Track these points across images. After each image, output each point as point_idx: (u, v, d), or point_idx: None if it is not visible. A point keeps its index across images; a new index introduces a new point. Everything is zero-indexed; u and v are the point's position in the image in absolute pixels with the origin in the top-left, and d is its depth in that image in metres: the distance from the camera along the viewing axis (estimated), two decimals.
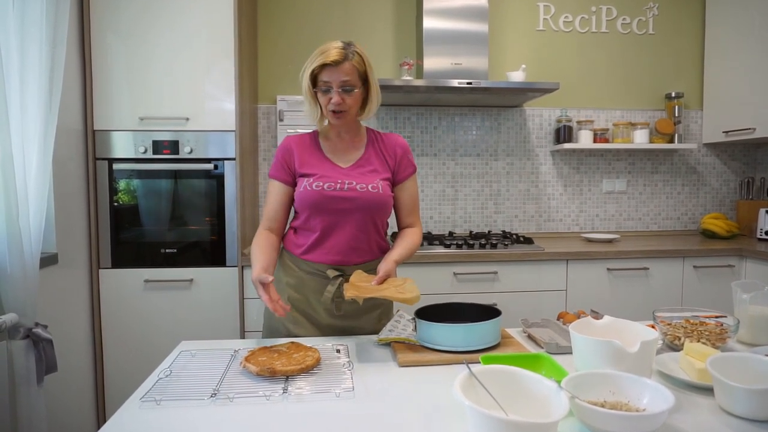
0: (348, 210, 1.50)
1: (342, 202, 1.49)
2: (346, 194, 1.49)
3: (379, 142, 1.61)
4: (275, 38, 2.83)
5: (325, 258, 1.54)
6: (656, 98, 3.09)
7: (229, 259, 2.32)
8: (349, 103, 1.48)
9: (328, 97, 1.47)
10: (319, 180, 1.50)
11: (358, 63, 1.49)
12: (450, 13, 2.66)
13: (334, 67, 1.44)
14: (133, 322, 2.28)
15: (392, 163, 1.59)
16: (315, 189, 1.49)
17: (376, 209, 1.53)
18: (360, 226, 1.54)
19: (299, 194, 1.52)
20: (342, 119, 1.50)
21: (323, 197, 1.49)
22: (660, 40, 3.07)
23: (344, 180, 1.51)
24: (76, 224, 2.17)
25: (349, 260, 1.55)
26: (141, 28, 2.23)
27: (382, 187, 1.53)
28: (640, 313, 2.50)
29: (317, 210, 1.51)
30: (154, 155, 2.27)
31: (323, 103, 1.48)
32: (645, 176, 3.11)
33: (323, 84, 1.46)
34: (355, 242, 1.54)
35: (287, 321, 1.56)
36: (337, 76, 1.44)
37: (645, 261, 2.50)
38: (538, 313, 2.44)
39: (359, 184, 1.51)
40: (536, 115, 3.01)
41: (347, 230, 1.52)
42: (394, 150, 1.60)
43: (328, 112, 1.49)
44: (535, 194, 3.04)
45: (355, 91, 1.48)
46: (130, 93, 2.25)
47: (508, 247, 2.49)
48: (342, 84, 1.46)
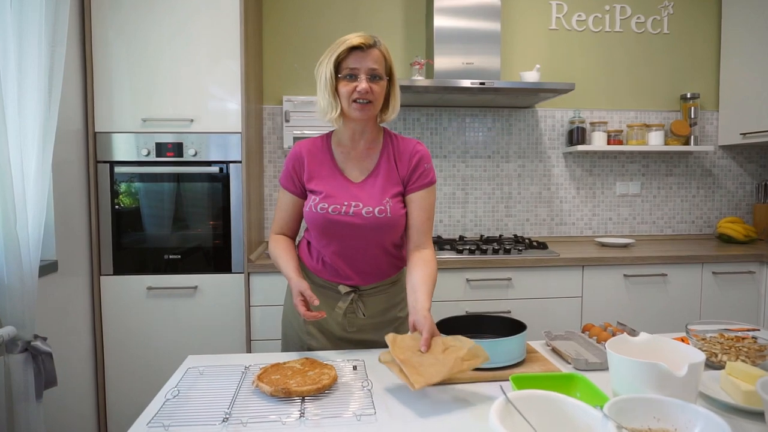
0: (354, 235, 1.41)
1: (347, 228, 1.39)
2: (351, 220, 1.38)
3: (393, 147, 1.46)
4: (281, 37, 2.76)
5: (337, 279, 1.47)
6: (671, 99, 3.02)
7: (234, 265, 2.25)
8: (376, 92, 1.35)
9: (353, 85, 1.32)
10: (324, 200, 1.40)
11: (386, 53, 1.39)
12: (461, 11, 2.58)
13: (362, 52, 1.32)
14: (135, 331, 2.21)
15: (404, 173, 1.44)
16: (320, 212, 1.39)
17: (384, 233, 1.43)
18: (369, 251, 1.45)
19: (306, 213, 1.44)
20: (367, 112, 1.35)
21: (328, 221, 1.39)
22: (675, 39, 3.00)
23: (350, 202, 1.39)
24: (77, 230, 2.09)
25: (361, 282, 1.47)
26: (144, 26, 2.16)
27: (391, 208, 1.40)
28: (659, 322, 2.43)
29: (324, 232, 1.42)
30: (157, 158, 2.20)
31: (346, 94, 1.33)
32: (659, 179, 3.04)
33: (349, 70, 1.32)
34: (365, 266, 1.46)
35: (301, 331, 1.50)
36: (365, 62, 1.33)
37: (663, 267, 2.43)
38: (554, 321, 2.37)
39: (365, 208, 1.39)
40: (548, 116, 2.94)
41: (357, 254, 1.44)
42: (408, 158, 1.44)
43: (350, 104, 1.34)
44: (547, 197, 2.96)
45: (382, 81, 1.37)
46: (132, 94, 2.17)
47: (522, 253, 2.41)
48: (370, 71, 1.34)
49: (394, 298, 1.53)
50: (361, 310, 1.47)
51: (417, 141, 1.49)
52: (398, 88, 1.44)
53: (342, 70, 1.33)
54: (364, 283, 1.47)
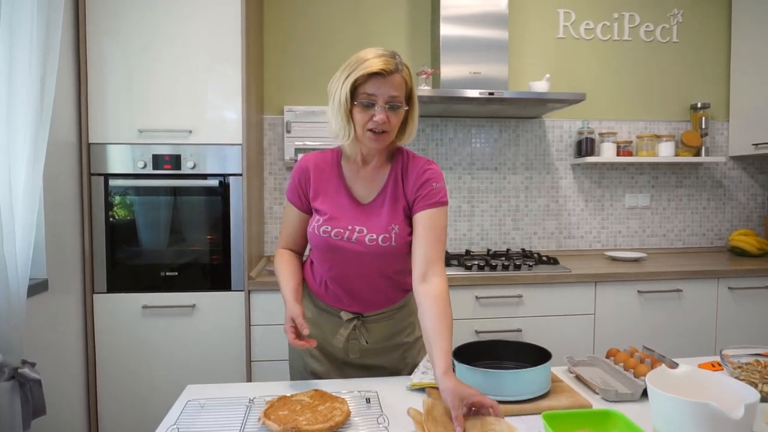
0: (356, 262, 1.32)
1: (348, 254, 1.31)
2: (353, 247, 1.30)
3: (403, 166, 1.36)
4: (282, 45, 2.68)
5: (338, 304, 1.38)
6: (680, 109, 2.96)
7: (234, 282, 2.15)
8: (393, 123, 1.25)
9: (369, 113, 1.22)
10: (328, 223, 1.31)
11: (407, 77, 1.28)
12: (468, 19, 2.51)
13: (382, 78, 1.21)
14: (129, 352, 2.10)
15: (410, 191, 1.32)
16: (322, 235, 1.31)
17: (387, 263, 1.34)
18: (371, 279, 1.36)
19: (309, 234, 1.36)
20: (382, 142, 1.27)
21: (329, 245, 1.31)
22: (684, 48, 2.94)
23: (354, 226, 1.30)
24: (69, 246, 1.99)
25: (363, 310, 1.38)
26: (140, 34, 2.07)
27: (396, 236, 1.30)
28: (674, 340, 2.35)
29: (326, 256, 1.34)
30: (154, 170, 2.11)
31: (361, 121, 1.23)
32: (669, 191, 2.96)
33: (366, 97, 1.22)
34: (367, 294, 1.37)
35: (306, 355, 1.41)
36: (385, 89, 1.21)
37: (678, 282, 2.35)
38: (567, 340, 2.28)
39: (369, 235, 1.30)
40: (556, 126, 2.86)
41: (359, 281, 1.35)
42: (416, 176, 1.32)
43: (364, 132, 1.24)
44: (555, 210, 2.88)
45: (402, 109, 1.27)
46: (128, 103, 2.08)
47: (532, 269, 2.33)
48: (390, 99, 1.23)
49: (401, 323, 1.44)
50: (364, 337, 1.38)
51: (429, 160, 1.39)
52: (417, 112, 1.34)
53: (359, 95, 1.23)
54: (367, 310, 1.38)
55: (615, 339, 2.30)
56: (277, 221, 2.69)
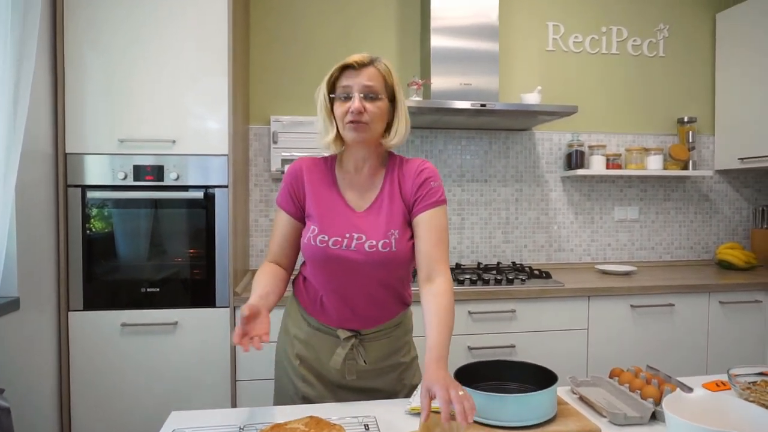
0: (355, 272, 1.26)
1: (347, 264, 1.25)
2: (352, 255, 1.25)
3: (398, 172, 1.33)
4: (269, 54, 2.62)
5: (335, 322, 1.31)
6: (668, 123, 2.97)
7: (219, 298, 2.06)
8: (371, 111, 1.23)
9: (346, 106, 1.23)
10: (324, 232, 1.26)
11: (386, 72, 1.27)
12: (459, 31, 2.49)
13: (355, 71, 1.24)
14: (107, 373, 1.99)
15: (408, 194, 1.30)
16: (319, 245, 1.25)
17: (388, 270, 1.29)
18: (371, 289, 1.30)
19: (304, 245, 1.29)
20: (361, 133, 1.23)
21: (327, 255, 1.25)
22: (671, 62, 2.96)
23: (353, 233, 1.26)
24: (43, 261, 1.88)
25: (360, 325, 1.32)
26: (121, 40, 1.99)
27: (396, 241, 1.26)
28: (667, 355, 2.32)
29: (322, 268, 1.28)
30: (135, 182, 2.01)
31: (341, 115, 1.24)
32: (657, 204, 2.97)
33: (342, 90, 1.24)
34: (367, 306, 1.31)
35: (296, 377, 1.33)
36: (359, 79, 1.23)
37: (669, 297, 2.33)
38: (560, 355, 2.24)
39: (368, 242, 1.25)
40: (546, 139, 2.85)
41: (358, 294, 1.29)
42: (413, 177, 1.30)
43: (345, 126, 1.24)
44: (545, 223, 2.86)
45: (380, 100, 1.25)
46: (108, 112, 1.99)
47: (525, 283, 2.29)
48: (364, 89, 1.23)
49: (397, 342, 1.38)
50: (362, 356, 1.31)
51: (423, 160, 1.36)
52: (405, 112, 1.31)
53: (336, 90, 1.27)
54: (366, 327, 1.32)
55: (608, 354, 2.27)
56: (263, 234, 2.61)
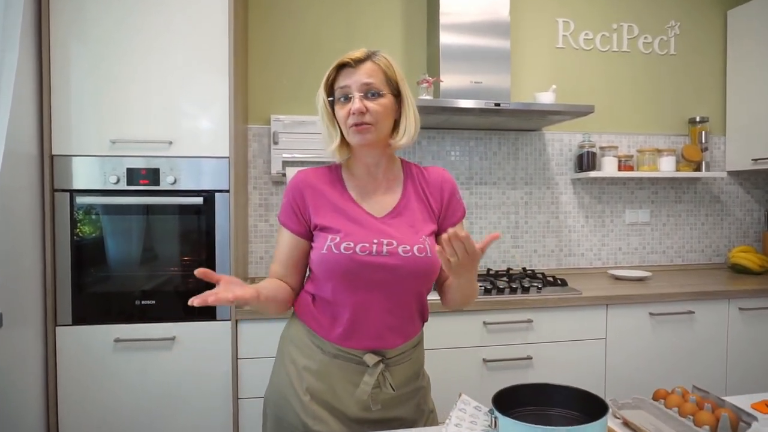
0: (387, 281, 1.14)
1: (380, 271, 1.13)
2: (387, 261, 1.13)
3: (419, 179, 1.26)
4: (269, 50, 2.48)
5: (359, 344, 1.18)
6: (679, 123, 2.89)
7: (219, 311, 1.92)
8: (374, 111, 1.13)
9: (347, 107, 1.13)
10: (348, 239, 1.13)
11: (386, 66, 1.17)
12: (469, 28, 2.37)
13: (352, 69, 1.15)
14: (99, 393, 1.84)
15: (437, 208, 1.24)
16: (344, 253, 1.12)
17: (424, 278, 1.18)
18: (402, 301, 1.19)
19: (320, 258, 1.15)
20: (365, 135, 1.14)
21: (355, 264, 1.12)
22: (682, 60, 2.88)
23: (381, 239, 1.14)
24: (28, 272, 1.73)
25: (388, 344, 1.19)
26: (113, 33, 1.84)
27: (430, 246, 1.17)
28: (685, 364, 2.24)
29: (347, 281, 1.14)
30: (128, 186, 1.87)
31: (343, 117, 1.15)
32: (668, 206, 2.89)
33: (340, 91, 1.15)
34: (395, 320, 1.19)
35: (305, 413, 1.18)
36: (357, 77, 1.14)
37: (689, 304, 2.24)
38: (578, 366, 2.14)
39: (402, 246, 1.14)
40: (556, 139, 2.75)
41: (386, 307, 1.17)
42: (440, 189, 1.25)
43: (348, 129, 1.14)
44: (556, 227, 2.76)
45: (382, 97, 1.14)
46: (98, 111, 1.84)
47: (541, 291, 2.18)
48: (363, 87, 1.13)
49: (417, 364, 1.28)
50: (389, 381, 1.19)
51: (441, 169, 1.30)
52: (412, 107, 1.21)
53: (335, 91, 1.17)
54: (392, 346, 1.20)
55: (627, 364, 2.18)
56: (263, 240, 2.47)
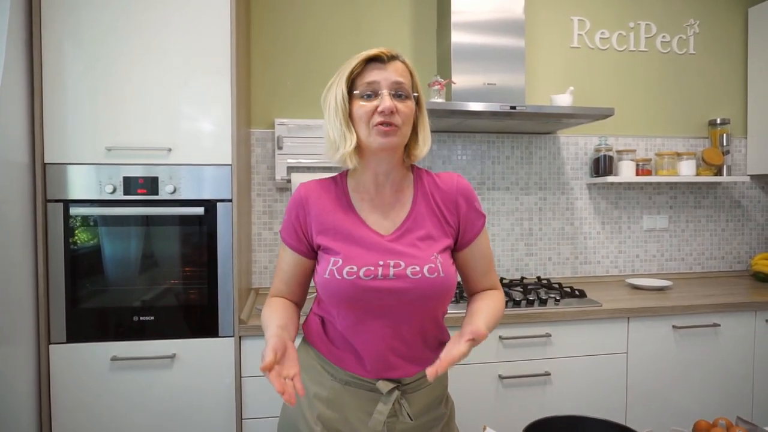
0: (396, 307, 1.04)
1: (388, 297, 1.03)
2: (393, 285, 1.03)
3: (431, 188, 1.14)
4: (272, 51, 2.37)
5: (372, 372, 1.08)
6: (698, 125, 2.78)
7: (222, 327, 1.82)
8: (403, 114, 1.03)
9: (373, 104, 1.02)
10: (351, 263, 1.03)
11: (412, 69, 1.09)
12: (482, 26, 2.27)
13: (383, 64, 1.04)
14: (95, 414, 1.75)
15: (454, 221, 1.13)
16: (347, 278, 1.02)
17: (436, 302, 1.08)
18: (414, 327, 1.09)
19: (323, 282, 1.06)
20: (393, 138, 1.03)
21: (359, 290, 1.02)
22: (702, 60, 2.77)
23: (387, 260, 1.04)
24: (18, 288, 1.63)
25: (401, 373, 1.10)
26: (109, 35, 1.74)
27: (443, 265, 1.06)
28: (711, 380, 2.13)
29: (351, 308, 1.05)
30: (125, 196, 1.77)
31: (365, 116, 1.03)
32: (687, 211, 2.78)
33: (367, 86, 1.03)
34: (407, 349, 1.09)
35: None
36: (388, 74, 1.04)
37: (714, 316, 2.14)
38: (599, 384, 2.03)
39: (410, 267, 1.04)
40: (571, 143, 2.64)
41: (396, 334, 1.07)
42: (455, 201, 1.14)
43: (371, 129, 1.03)
44: (571, 233, 2.65)
45: (409, 100, 1.05)
46: (94, 117, 1.74)
47: (559, 303, 2.08)
48: (395, 86, 1.03)
49: (438, 389, 1.18)
50: (406, 411, 1.09)
51: (456, 175, 1.18)
52: (427, 117, 1.12)
53: (357, 87, 1.05)
54: (407, 374, 1.10)
55: (650, 381, 2.08)
56: (267, 249, 2.37)
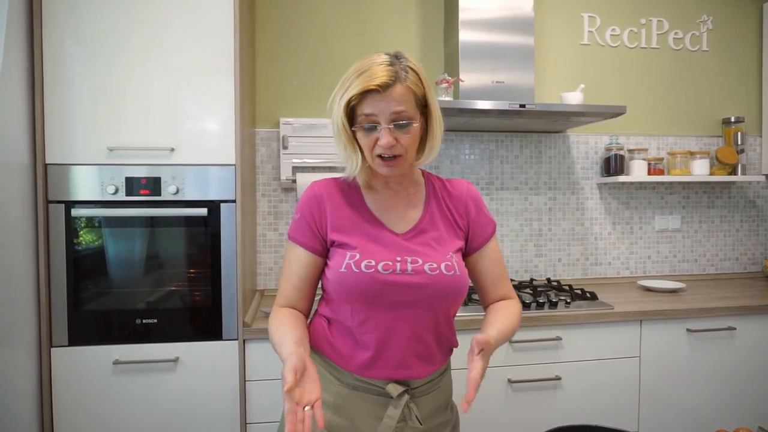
0: (413, 302, 1.03)
1: (406, 292, 1.02)
2: (412, 279, 1.02)
3: (442, 193, 1.16)
4: (277, 48, 2.34)
5: (382, 373, 1.06)
6: (712, 123, 2.72)
7: (226, 330, 1.79)
8: (404, 144, 1.02)
9: (373, 137, 1.02)
10: (369, 257, 1.03)
11: (415, 84, 1.03)
12: (490, 24, 2.22)
13: (380, 94, 1.00)
14: (98, 418, 1.72)
15: (464, 225, 1.15)
16: (365, 271, 1.01)
17: (452, 299, 1.08)
18: (430, 325, 1.08)
19: (338, 277, 1.04)
20: (395, 167, 1.04)
21: (378, 284, 1.01)
22: (715, 57, 2.71)
23: (405, 256, 1.04)
24: (19, 290, 1.61)
25: (413, 374, 1.08)
26: (111, 33, 1.71)
27: (458, 264, 1.07)
28: (726, 386, 2.08)
29: (368, 303, 1.03)
30: (128, 197, 1.74)
31: (366, 146, 1.04)
32: (701, 212, 2.72)
33: (365, 119, 1.02)
34: (422, 347, 1.08)
35: None
36: (385, 105, 1.00)
37: (730, 319, 2.08)
38: (611, 388, 1.99)
39: (428, 263, 1.04)
40: (581, 142, 2.59)
41: (412, 332, 1.06)
42: (465, 204, 1.16)
43: (374, 158, 1.04)
44: (581, 234, 2.60)
45: (413, 125, 1.02)
46: (95, 115, 1.72)
47: (570, 306, 2.03)
48: (393, 117, 1.00)
49: (444, 393, 1.17)
50: (415, 414, 1.07)
51: (465, 181, 1.21)
52: (438, 124, 1.10)
53: (357, 117, 1.03)
54: (418, 375, 1.08)
55: (663, 386, 2.03)
56: (272, 250, 2.34)
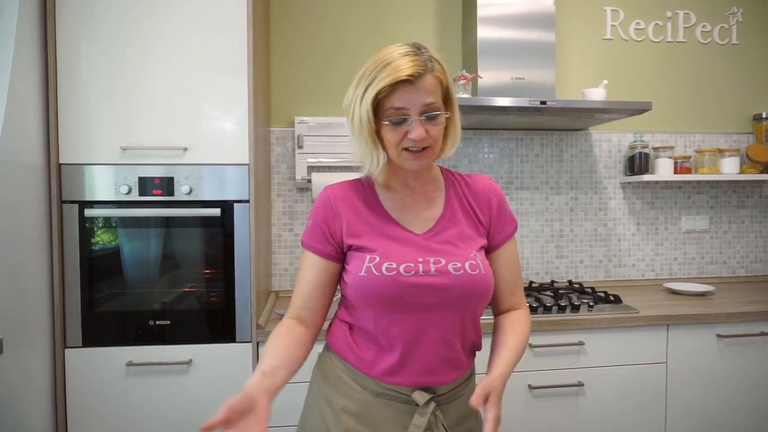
0: (438, 304, 0.98)
1: (430, 293, 0.97)
2: (436, 281, 0.97)
3: (463, 189, 1.11)
4: (292, 47, 2.31)
5: (407, 380, 1.01)
6: (742, 119, 2.62)
7: (239, 332, 1.76)
8: (434, 135, 0.98)
9: (402, 131, 0.97)
10: (390, 259, 0.98)
11: (441, 74, 0.99)
12: (509, 20, 2.16)
13: (411, 85, 0.95)
14: (111, 420, 1.71)
15: (486, 220, 1.10)
16: (386, 275, 0.96)
17: (478, 299, 1.02)
18: (457, 328, 1.03)
19: (358, 281, 0.99)
20: (425, 160, 1.00)
21: (401, 287, 0.97)
22: (745, 51, 2.60)
23: (427, 257, 0.99)
24: (33, 291, 1.60)
25: (440, 379, 1.03)
26: (124, 31, 1.70)
27: (482, 262, 1.02)
28: (760, 394, 1.99)
29: (391, 307, 0.98)
30: (141, 197, 1.72)
31: (394, 141, 0.99)
32: (730, 212, 2.62)
33: (395, 112, 0.96)
34: (450, 351, 1.03)
35: None
36: (417, 97, 0.95)
37: (762, 324, 1.99)
38: (636, 395, 1.91)
39: (451, 263, 0.99)
40: (604, 140, 2.51)
41: (440, 335, 1.01)
42: (487, 200, 1.10)
43: (400, 152, 0.99)
44: (604, 235, 2.52)
45: (441, 116, 0.98)
46: (108, 115, 1.70)
47: (593, 309, 1.96)
48: (425, 109, 0.96)
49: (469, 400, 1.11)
50: (441, 422, 1.03)
51: (485, 177, 1.14)
52: (458, 116, 1.05)
53: (384, 111, 0.97)
54: (444, 381, 1.03)
55: (692, 393, 1.94)
56: (287, 250, 2.31)
